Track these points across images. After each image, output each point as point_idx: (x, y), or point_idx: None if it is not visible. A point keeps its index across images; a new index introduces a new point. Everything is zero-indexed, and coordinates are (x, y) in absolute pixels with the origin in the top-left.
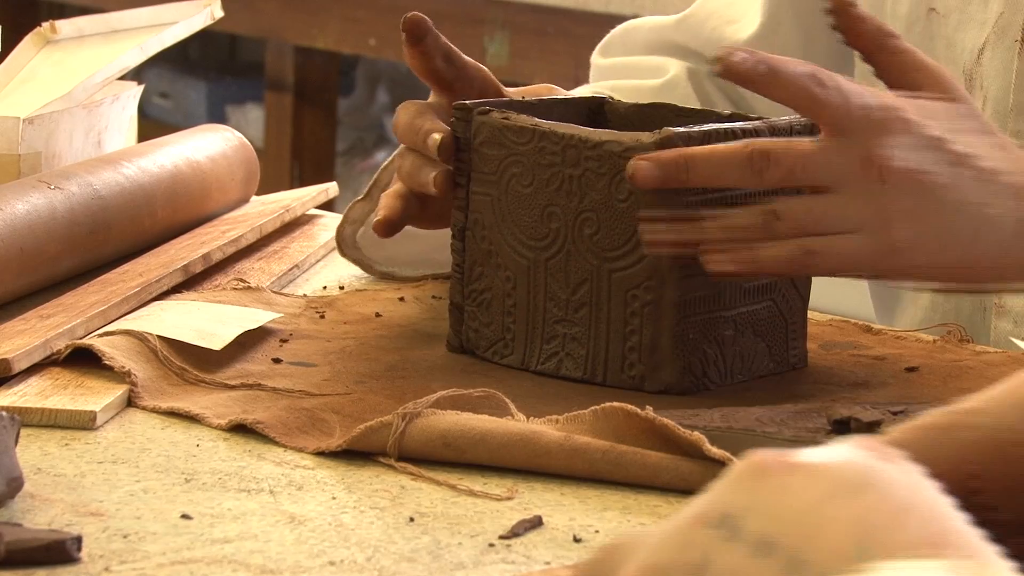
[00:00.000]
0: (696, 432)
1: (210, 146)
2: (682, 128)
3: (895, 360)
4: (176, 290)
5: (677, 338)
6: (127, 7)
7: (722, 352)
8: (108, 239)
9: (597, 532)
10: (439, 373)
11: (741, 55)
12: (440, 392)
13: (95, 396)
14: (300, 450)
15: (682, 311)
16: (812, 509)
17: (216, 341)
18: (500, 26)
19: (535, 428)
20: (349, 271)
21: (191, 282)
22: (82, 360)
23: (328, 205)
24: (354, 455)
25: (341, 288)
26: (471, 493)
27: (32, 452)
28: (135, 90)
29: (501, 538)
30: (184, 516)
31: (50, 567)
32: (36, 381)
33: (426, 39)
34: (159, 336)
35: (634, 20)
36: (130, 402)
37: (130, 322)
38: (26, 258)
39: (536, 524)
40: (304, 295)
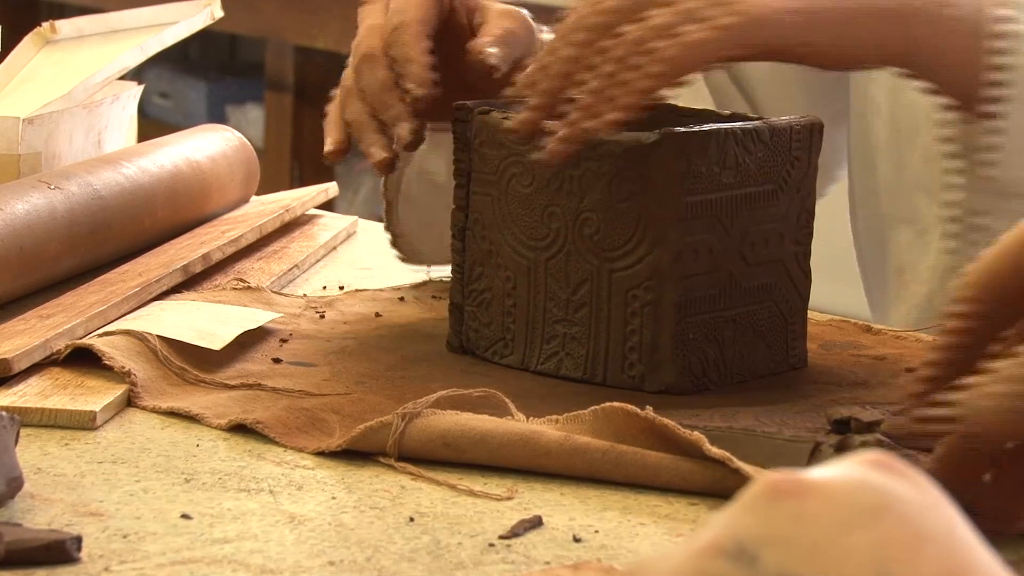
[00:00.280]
0: (696, 432)
1: (210, 146)
2: (682, 128)
3: (895, 360)
4: (176, 290)
5: (677, 338)
6: (127, 7)
7: (722, 352)
8: (108, 239)
9: (597, 532)
10: (439, 373)
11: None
12: (440, 392)
13: (95, 396)
14: (300, 450)
15: (682, 311)
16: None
17: (216, 341)
18: None
19: (535, 428)
20: (349, 271)
21: (191, 282)
22: (82, 360)
23: (328, 205)
24: (354, 455)
25: (341, 288)
26: (471, 493)
27: (32, 452)
28: (135, 90)
29: (501, 538)
30: (184, 516)
31: (50, 567)
32: (36, 381)
33: None
34: (159, 336)
35: None
36: (130, 402)
37: (130, 322)
38: (26, 258)
39: (536, 524)
40: (304, 295)
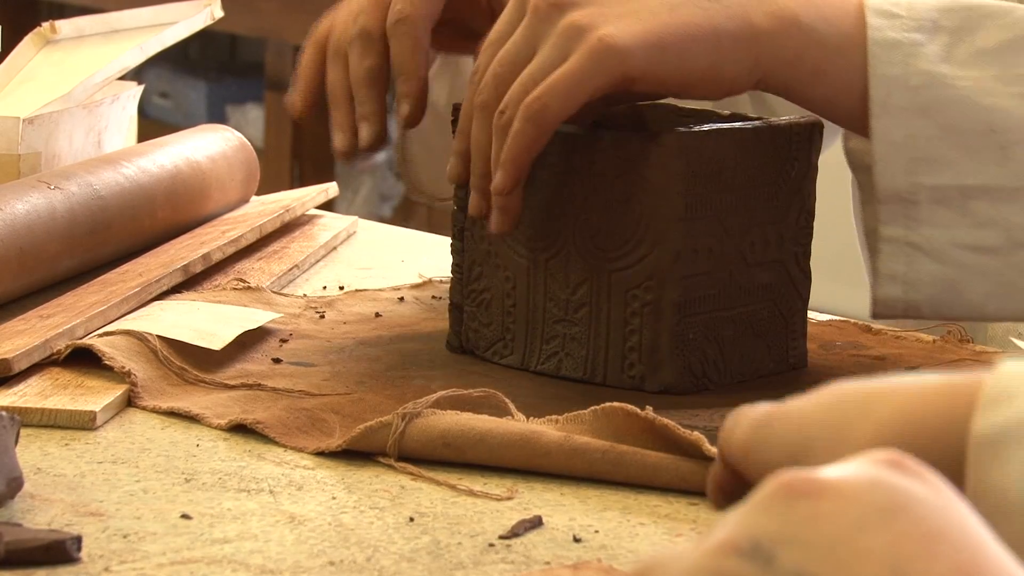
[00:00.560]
0: (696, 432)
1: (210, 146)
2: (682, 128)
3: (895, 360)
4: (176, 290)
5: (677, 338)
6: (127, 7)
7: (722, 352)
8: (108, 239)
9: (597, 532)
10: (439, 373)
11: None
12: (440, 392)
13: (95, 396)
14: (300, 450)
15: (682, 311)
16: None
17: (216, 341)
18: None
19: (535, 428)
20: (349, 271)
21: (191, 282)
22: (82, 360)
23: (328, 205)
24: (354, 455)
25: (341, 288)
26: (471, 493)
27: (32, 452)
28: (135, 90)
29: (501, 538)
30: (184, 516)
31: (50, 567)
32: (36, 381)
33: None
34: (159, 336)
35: None
36: (130, 402)
37: (130, 322)
38: (26, 258)
39: (536, 524)
40: (304, 295)
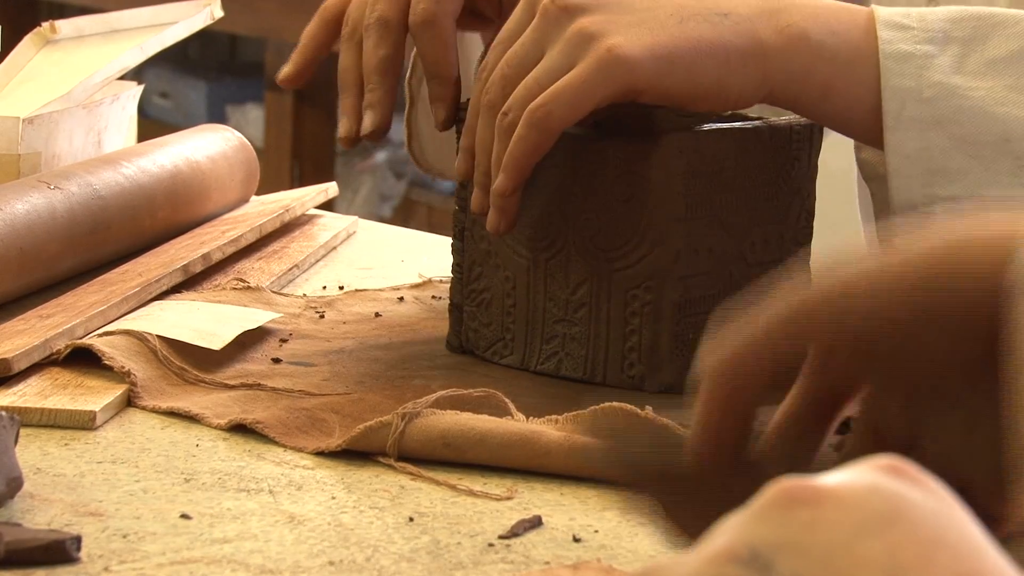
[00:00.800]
0: None
1: (210, 146)
2: (682, 128)
3: None
4: (176, 290)
5: (677, 338)
6: (127, 7)
7: None
8: (108, 239)
9: (597, 532)
10: (439, 373)
11: None
12: (440, 392)
13: (95, 396)
14: (300, 450)
15: (682, 311)
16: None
17: (216, 341)
18: None
19: (535, 428)
20: (349, 271)
21: (191, 282)
22: (82, 360)
23: (328, 205)
24: (354, 455)
25: (341, 288)
26: (471, 493)
27: (32, 452)
28: (135, 90)
29: (501, 538)
30: (184, 516)
31: (50, 567)
32: (36, 381)
33: None
34: (159, 336)
35: None
36: (130, 402)
37: (130, 322)
38: (26, 258)
39: (536, 524)
40: (304, 295)
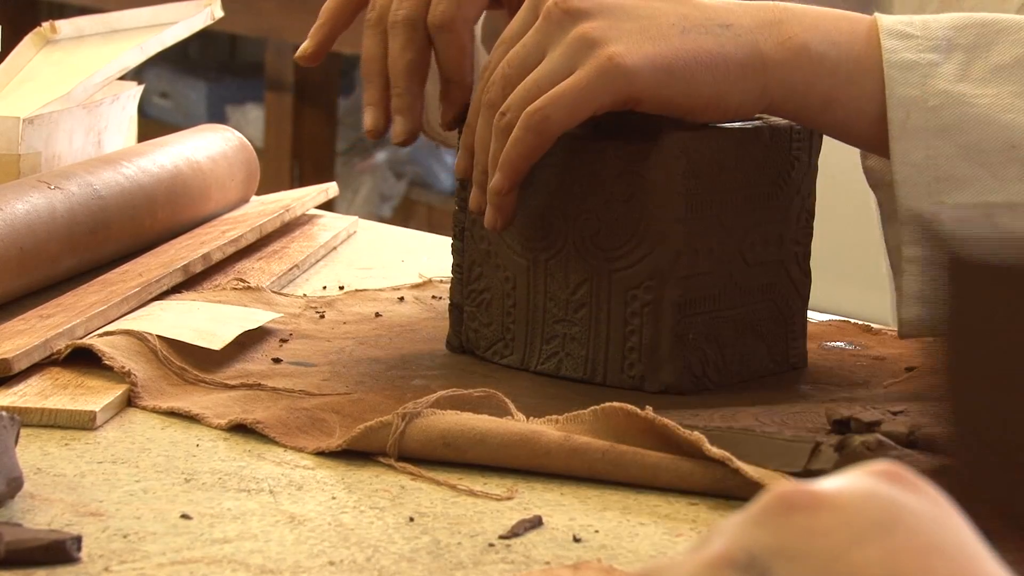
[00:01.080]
0: (696, 432)
1: (210, 146)
2: (682, 128)
3: (895, 360)
4: (176, 290)
5: (677, 338)
6: (127, 7)
7: (722, 352)
8: (108, 239)
9: (597, 532)
10: (439, 373)
11: None
12: (440, 392)
13: (95, 396)
14: (300, 450)
15: (682, 311)
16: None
17: (216, 341)
18: None
19: (535, 428)
20: (349, 271)
21: (191, 282)
22: (82, 360)
23: (328, 205)
24: (354, 455)
25: (341, 288)
26: (471, 493)
27: (32, 452)
28: (135, 90)
29: (501, 538)
30: (184, 516)
31: (50, 567)
32: (36, 381)
33: None
34: (159, 336)
35: None
36: (130, 402)
37: (130, 322)
38: (26, 258)
39: (536, 524)
40: (304, 295)
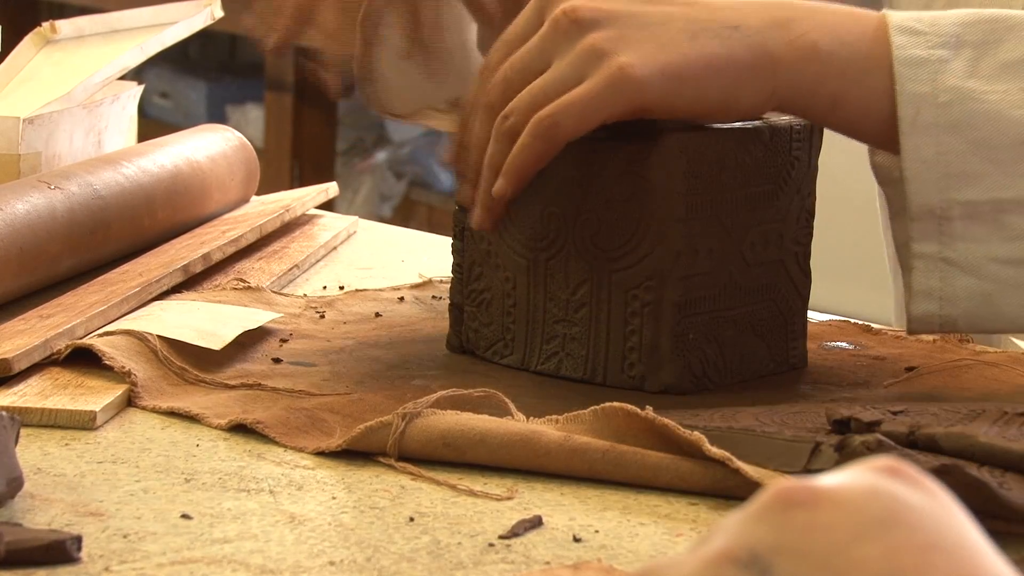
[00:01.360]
0: (696, 432)
1: (210, 146)
2: (682, 128)
3: (895, 360)
4: (176, 290)
5: (677, 338)
6: (127, 7)
7: (722, 352)
8: (108, 239)
9: (597, 532)
10: (439, 373)
11: None
12: (440, 392)
13: (95, 396)
14: (300, 450)
15: (682, 311)
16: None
17: (216, 341)
18: None
19: (535, 428)
20: (349, 271)
21: (191, 282)
22: (82, 360)
23: (328, 205)
24: (354, 455)
25: (341, 288)
26: (471, 493)
27: (32, 452)
28: (135, 90)
29: (501, 538)
30: (184, 516)
31: (50, 567)
32: (36, 381)
33: None
34: (159, 336)
35: None
36: (130, 402)
37: (130, 322)
38: (26, 258)
39: (536, 524)
40: (304, 295)
